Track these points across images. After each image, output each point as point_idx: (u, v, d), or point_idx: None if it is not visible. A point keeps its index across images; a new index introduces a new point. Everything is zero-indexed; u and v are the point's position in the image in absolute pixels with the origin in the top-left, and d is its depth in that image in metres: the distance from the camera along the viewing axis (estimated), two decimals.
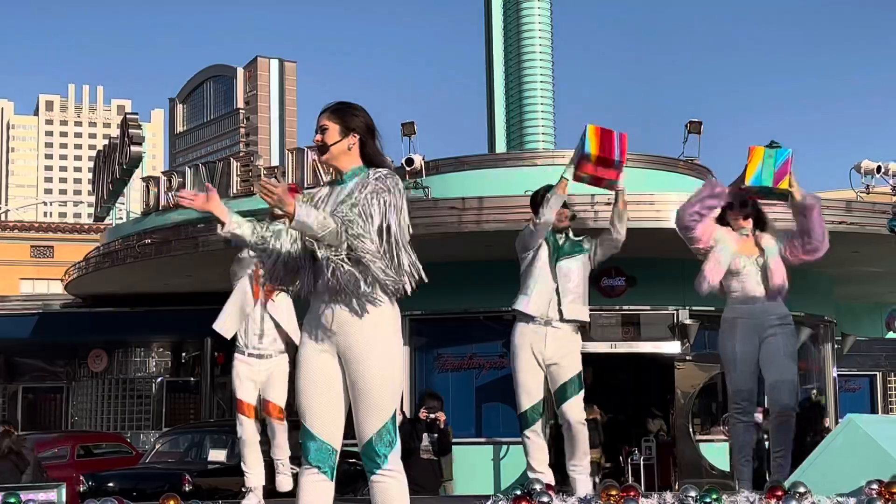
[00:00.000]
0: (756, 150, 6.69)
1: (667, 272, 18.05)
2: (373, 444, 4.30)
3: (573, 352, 7.00)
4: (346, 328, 4.35)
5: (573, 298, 6.91)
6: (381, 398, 4.32)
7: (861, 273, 19.69)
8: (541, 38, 27.76)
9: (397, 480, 4.33)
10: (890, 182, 19.17)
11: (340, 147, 4.51)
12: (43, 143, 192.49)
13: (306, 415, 4.39)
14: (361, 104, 4.65)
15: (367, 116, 4.59)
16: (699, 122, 21.60)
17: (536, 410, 6.93)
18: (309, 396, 4.39)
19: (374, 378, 4.33)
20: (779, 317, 7.09)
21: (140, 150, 25.19)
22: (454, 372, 18.81)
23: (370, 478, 4.32)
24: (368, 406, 4.31)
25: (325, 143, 4.51)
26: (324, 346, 4.40)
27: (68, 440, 18.98)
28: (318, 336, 4.41)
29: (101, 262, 21.56)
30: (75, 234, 39.03)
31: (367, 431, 4.31)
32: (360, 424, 4.33)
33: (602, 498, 4.85)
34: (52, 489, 5.72)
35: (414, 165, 18.59)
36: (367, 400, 4.31)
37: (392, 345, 4.40)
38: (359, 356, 4.33)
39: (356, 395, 4.34)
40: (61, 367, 26.77)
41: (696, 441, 18.15)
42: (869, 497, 4.86)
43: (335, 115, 4.55)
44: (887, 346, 25.16)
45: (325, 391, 4.39)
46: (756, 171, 6.64)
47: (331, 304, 4.37)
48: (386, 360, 4.37)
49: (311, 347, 4.42)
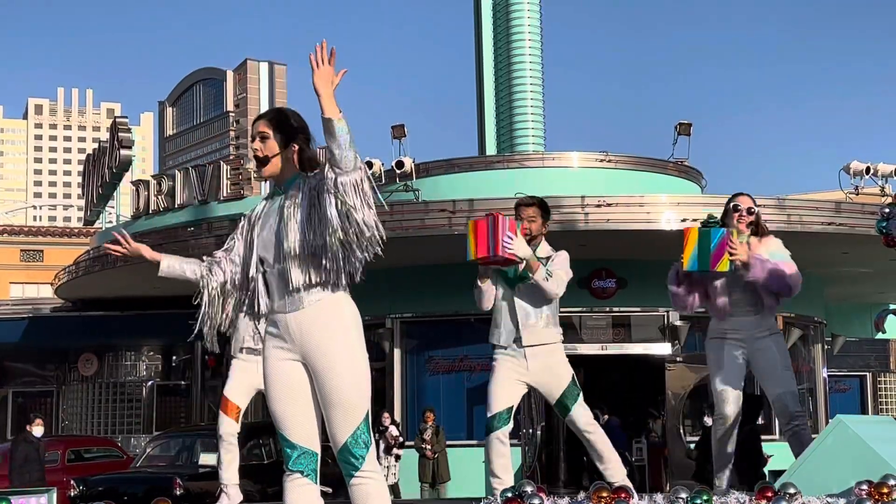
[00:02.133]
0: (691, 233, 6.61)
1: (657, 274, 17.95)
2: (349, 448, 4.28)
3: (555, 365, 6.89)
4: (308, 336, 4.33)
5: (532, 325, 6.81)
6: (351, 402, 4.29)
7: (851, 274, 19.74)
8: (530, 39, 27.73)
9: (376, 481, 4.33)
10: (879, 183, 19.24)
11: (281, 158, 4.45)
12: (32, 147, 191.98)
13: (282, 423, 4.37)
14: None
15: (303, 122, 4.53)
16: (689, 123, 21.65)
17: (501, 419, 6.90)
18: (283, 403, 4.37)
19: (343, 383, 4.30)
20: (768, 328, 7.07)
21: (130, 153, 25.14)
22: (445, 374, 18.82)
23: (348, 481, 4.30)
24: (341, 412, 4.28)
25: (266, 156, 4.44)
26: (288, 354, 4.38)
27: (59, 444, 18.93)
28: (281, 345, 4.39)
29: (91, 266, 21.53)
30: (65, 237, 38.95)
31: (341, 436, 4.29)
32: (334, 430, 4.31)
33: (593, 500, 4.85)
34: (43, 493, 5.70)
35: (404, 168, 18.60)
36: (339, 406, 4.29)
37: (356, 346, 4.36)
38: (325, 364, 4.31)
39: (327, 403, 4.30)
40: (51, 371, 26.70)
41: (687, 442, 18.17)
42: (859, 498, 4.86)
43: (274, 125, 4.47)
44: (877, 346, 25.22)
45: (297, 397, 4.37)
46: (692, 255, 6.58)
47: (290, 312, 4.36)
48: (352, 363, 4.33)
49: (276, 355, 4.40)
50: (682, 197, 17.50)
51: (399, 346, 18.80)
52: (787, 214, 15.93)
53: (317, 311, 4.32)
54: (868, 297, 23.01)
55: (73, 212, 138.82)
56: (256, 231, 4.48)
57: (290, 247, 4.32)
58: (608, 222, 16.01)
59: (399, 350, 18.82)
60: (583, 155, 21.41)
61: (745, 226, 6.96)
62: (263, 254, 4.45)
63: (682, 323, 18.26)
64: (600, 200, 16.14)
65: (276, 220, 4.42)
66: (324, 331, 4.32)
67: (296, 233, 4.31)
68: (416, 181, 18.78)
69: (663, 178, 21.30)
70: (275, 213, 4.45)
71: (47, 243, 38.59)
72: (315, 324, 4.33)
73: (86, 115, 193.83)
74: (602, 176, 20.53)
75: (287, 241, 4.33)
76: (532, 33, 27.79)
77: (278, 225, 4.39)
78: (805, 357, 20.74)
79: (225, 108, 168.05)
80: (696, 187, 22.19)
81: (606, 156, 21.14)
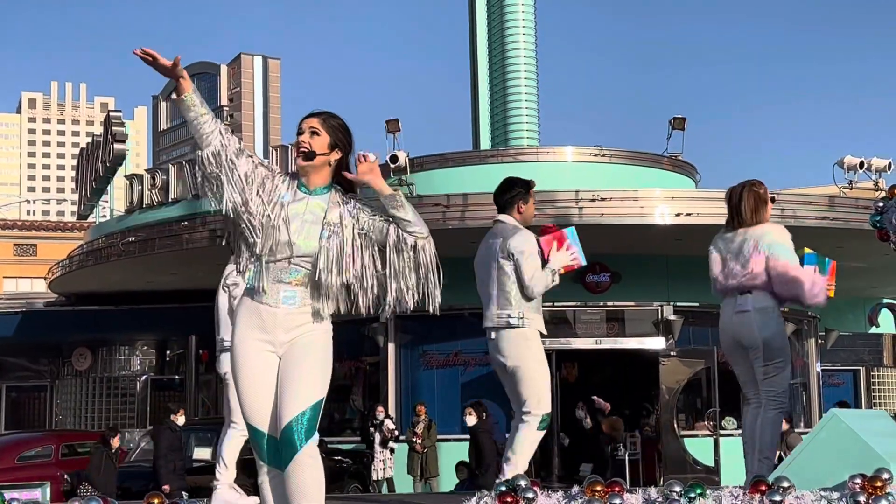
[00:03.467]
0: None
1: (651, 268, 18.10)
2: (293, 426, 4.19)
3: (516, 357, 6.71)
4: (296, 328, 4.34)
5: (489, 303, 6.82)
6: (313, 383, 4.27)
7: (844, 268, 19.62)
8: (525, 34, 27.70)
9: (314, 467, 4.23)
10: (872, 178, 19.26)
11: (324, 160, 4.45)
12: (26, 142, 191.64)
13: (255, 415, 4.31)
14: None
15: (350, 132, 4.55)
16: (683, 118, 21.65)
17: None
18: (257, 397, 4.30)
19: (313, 364, 4.30)
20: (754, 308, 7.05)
21: (123, 147, 25.09)
22: (440, 369, 18.82)
23: (287, 463, 4.19)
24: (299, 390, 4.24)
25: (314, 152, 4.43)
26: (267, 346, 4.34)
27: (52, 439, 18.91)
28: (261, 336, 4.34)
29: (85, 261, 21.49)
30: (58, 232, 38.88)
31: (291, 412, 4.21)
32: (288, 403, 4.22)
33: (587, 493, 4.85)
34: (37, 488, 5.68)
35: (398, 162, 18.59)
36: (297, 383, 4.24)
37: (330, 335, 4.41)
38: (307, 345, 4.32)
39: (290, 380, 4.26)
40: (45, 365, 26.69)
41: (680, 436, 18.20)
42: (852, 491, 4.87)
43: (329, 127, 4.47)
44: (871, 340, 25.27)
45: (269, 390, 4.31)
46: None
47: (283, 307, 4.34)
48: (325, 353, 4.36)
49: (255, 347, 4.34)
50: (676, 191, 17.51)
51: (393, 340, 18.80)
52: (781, 209, 15.94)
53: (319, 303, 4.37)
54: (862, 292, 23.04)
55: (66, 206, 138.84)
56: (285, 214, 4.37)
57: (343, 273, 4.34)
58: (602, 216, 16.02)
59: (393, 345, 18.81)
60: (577, 149, 21.42)
61: None
62: (285, 243, 4.35)
63: (675, 317, 18.28)
64: (594, 195, 16.15)
65: (310, 224, 4.37)
66: (313, 322, 4.35)
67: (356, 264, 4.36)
68: (410, 175, 18.77)
69: (657, 173, 21.32)
70: (304, 213, 4.39)
71: (41, 237, 38.53)
72: (305, 318, 4.34)
73: (79, 110, 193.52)
74: (596, 170, 20.54)
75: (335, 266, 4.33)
76: (526, 27, 27.78)
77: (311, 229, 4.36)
78: (799, 351, 20.78)
79: (219, 103, 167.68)
80: (690, 182, 22.20)
81: (600, 150, 21.15)
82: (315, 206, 4.42)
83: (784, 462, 5.74)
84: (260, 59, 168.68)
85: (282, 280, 4.35)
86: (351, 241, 4.36)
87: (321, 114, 4.52)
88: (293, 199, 4.43)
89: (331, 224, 4.37)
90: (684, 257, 16.22)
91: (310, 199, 4.44)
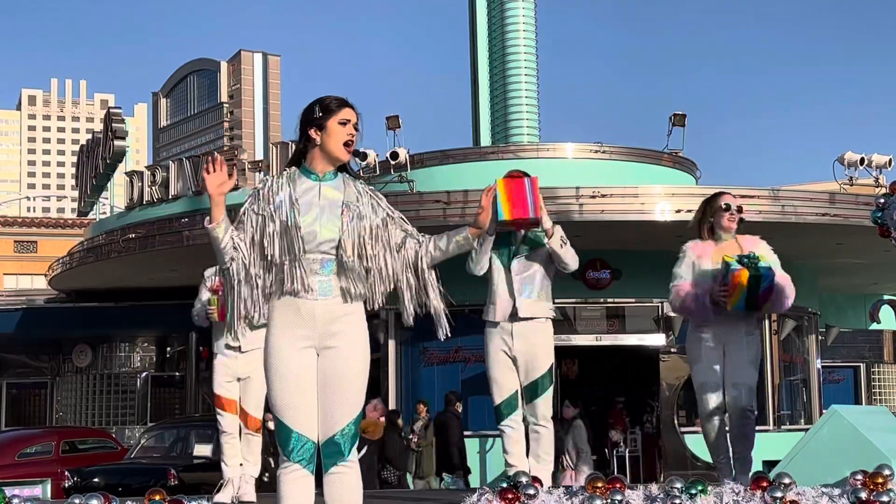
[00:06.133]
0: (740, 277, 6.53)
1: (652, 264, 18.02)
2: (338, 436, 4.27)
3: (540, 347, 6.95)
4: (335, 321, 4.34)
5: (528, 295, 6.91)
6: (357, 394, 4.33)
7: (845, 265, 19.76)
8: (525, 31, 27.71)
9: (354, 471, 4.32)
10: (873, 174, 19.23)
11: None
12: (26, 138, 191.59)
13: (286, 411, 4.30)
14: (346, 98, 4.61)
15: None
16: (683, 114, 21.64)
17: (510, 404, 6.95)
18: (289, 393, 4.30)
19: (361, 369, 4.36)
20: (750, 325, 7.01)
21: (124, 144, 25.06)
22: (440, 365, 18.81)
23: (328, 469, 4.27)
24: (347, 396, 4.30)
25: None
26: (304, 342, 4.34)
27: (53, 435, 18.88)
28: (298, 332, 4.34)
29: (85, 257, 21.48)
30: (59, 228, 38.87)
31: (337, 423, 4.28)
32: (333, 413, 4.29)
33: (588, 490, 4.85)
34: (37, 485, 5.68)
35: (399, 159, 18.57)
36: (345, 394, 4.30)
37: (368, 341, 4.43)
38: (349, 348, 4.35)
39: (334, 389, 4.30)
40: (45, 362, 26.67)
41: (681, 433, 18.20)
42: (853, 487, 4.86)
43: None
44: (871, 337, 25.26)
45: (305, 387, 4.32)
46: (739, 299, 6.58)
47: (319, 299, 4.35)
48: (367, 357, 4.42)
49: (292, 345, 4.34)
50: (676, 188, 17.49)
51: (394, 337, 18.79)
52: (782, 205, 15.92)
53: (353, 304, 4.40)
54: (862, 288, 23.04)
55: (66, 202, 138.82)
56: (298, 210, 4.39)
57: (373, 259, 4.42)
58: (602, 213, 16.01)
59: (394, 341, 18.80)
60: (577, 146, 21.40)
61: (734, 224, 6.96)
62: (311, 236, 4.37)
63: (675, 314, 18.26)
64: (595, 191, 16.13)
65: (329, 210, 4.40)
66: (352, 317, 4.37)
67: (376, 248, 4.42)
68: (410, 172, 18.75)
69: (658, 170, 21.31)
70: (319, 200, 4.42)
71: (41, 234, 38.51)
72: (343, 307, 4.36)
73: (79, 106, 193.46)
74: (596, 167, 20.52)
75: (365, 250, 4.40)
76: (527, 24, 27.77)
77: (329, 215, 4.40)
78: (799, 348, 20.76)
79: (219, 99, 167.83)
80: (690, 178, 22.19)
81: (601, 147, 21.13)
82: (328, 191, 4.44)
83: (785, 458, 5.74)
84: (260, 56, 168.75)
85: (313, 271, 4.35)
86: (369, 226, 4.40)
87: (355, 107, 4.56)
88: (303, 190, 4.45)
89: (349, 205, 4.40)
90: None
91: (321, 185, 4.46)
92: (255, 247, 4.40)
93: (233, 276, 4.39)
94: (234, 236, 4.39)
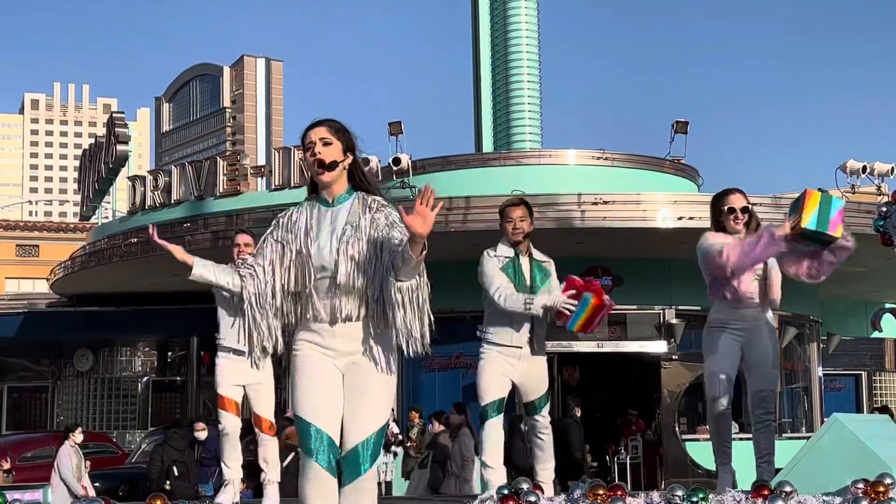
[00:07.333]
0: (812, 195, 6.64)
1: (653, 272, 18.09)
2: (360, 449, 4.28)
3: (541, 371, 7.10)
4: (357, 342, 4.38)
5: (541, 335, 7.03)
6: (380, 407, 4.36)
7: (846, 273, 19.70)
8: (527, 37, 27.74)
9: (374, 487, 4.34)
10: (875, 182, 19.25)
11: (343, 166, 4.47)
12: (28, 142, 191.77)
13: (309, 412, 4.30)
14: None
15: (354, 135, 4.56)
16: (686, 121, 21.66)
17: (497, 408, 7.00)
18: (312, 394, 4.32)
19: (383, 381, 4.38)
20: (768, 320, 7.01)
21: (126, 148, 25.12)
22: (441, 372, 18.81)
23: (348, 482, 4.27)
24: (367, 414, 4.31)
25: (334, 161, 4.42)
26: (327, 359, 4.38)
27: (54, 440, 18.90)
28: (320, 350, 4.38)
29: (87, 262, 21.50)
30: (61, 233, 38.93)
31: (359, 435, 4.29)
32: (356, 425, 4.30)
33: (589, 497, 4.85)
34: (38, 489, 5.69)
35: (401, 165, 18.59)
36: (368, 405, 4.32)
37: (393, 358, 4.46)
38: (372, 362, 4.38)
39: (358, 403, 4.32)
40: (47, 366, 26.69)
41: (682, 440, 18.19)
42: (855, 496, 4.86)
43: (337, 133, 4.46)
44: (872, 345, 25.25)
45: (329, 389, 4.34)
46: (812, 215, 6.61)
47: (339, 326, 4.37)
48: (392, 372, 4.45)
49: (315, 353, 4.38)
50: (678, 195, 17.49)
51: None
52: (784, 213, 15.91)
53: (366, 323, 4.39)
54: (864, 296, 23.02)
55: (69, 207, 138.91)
56: (311, 238, 4.42)
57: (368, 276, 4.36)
58: (604, 220, 16.01)
59: None
60: (579, 152, 21.41)
61: (741, 226, 6.93)
62: (321, 264, 4.38)
63: (677, 321, 18.27)
64: (597, 198, 16.13)
65: (335, 235, 4.39)
66: (371, 339, 4.39)
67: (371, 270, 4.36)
68: (412, 178, 18.77)
69: (660, 176, 21.32)
70: (329, 225, 4.43)
71: (43, 238, 38.57)
72: (361, 331, 4.37)
73: (82, 111, 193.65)
74: (598, 174, 20.53)
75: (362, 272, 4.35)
76: (529, 30, 27.81)
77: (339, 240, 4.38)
78: (800, 356, 20.75)
79: (221, 104, 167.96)
80: (692, 185, 22.20)
81: (603, 153, 21.14)
82: (339, 215, 4.44)
83: (787, 466, 5.73)
84: (263, 61, 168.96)
85: (327, 296, 4.36)
86: (366, 247, 4.36)
87: (324, 122, 4.50)
88: (318, 218, 4.46)
89: (352, 227, 4.39)
90: (687, 261, 16.07)
91: (333, 211, 4.46)
92: (275, 274, 4.44)
93: (246, 304, 4.43)
94: (251, 262, 4.48)
